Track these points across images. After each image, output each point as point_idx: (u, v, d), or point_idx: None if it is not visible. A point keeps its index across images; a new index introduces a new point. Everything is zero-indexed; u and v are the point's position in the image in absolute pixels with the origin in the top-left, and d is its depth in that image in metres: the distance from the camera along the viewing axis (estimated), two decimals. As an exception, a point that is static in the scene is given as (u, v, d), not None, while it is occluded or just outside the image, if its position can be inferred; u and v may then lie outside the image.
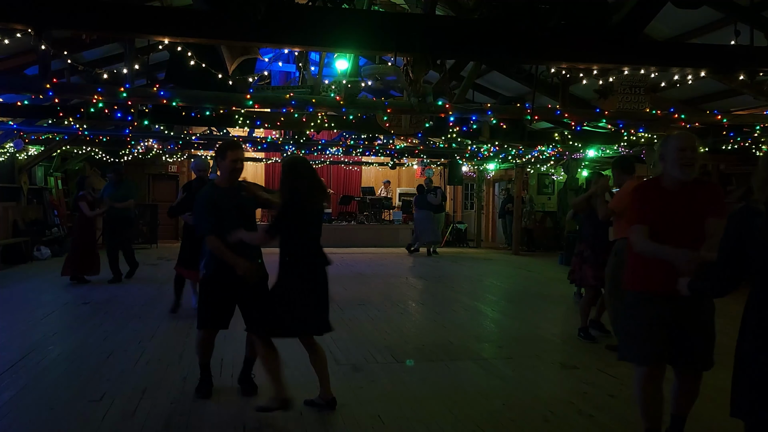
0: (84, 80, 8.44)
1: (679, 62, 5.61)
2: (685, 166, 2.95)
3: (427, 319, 6.96)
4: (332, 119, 9.57)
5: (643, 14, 4.36)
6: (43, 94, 6.51)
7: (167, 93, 6.90)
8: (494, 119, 9.25)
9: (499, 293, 8.80)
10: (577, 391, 4.39)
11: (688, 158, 2.95)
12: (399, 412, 3.83)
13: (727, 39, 5.74)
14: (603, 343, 5.77)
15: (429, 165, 17.72)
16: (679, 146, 2.96)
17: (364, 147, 13.76)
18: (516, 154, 13.84)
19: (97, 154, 13.99)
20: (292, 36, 4.43)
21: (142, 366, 4.73)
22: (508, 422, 3.71)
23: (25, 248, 11.68)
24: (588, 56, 4.83)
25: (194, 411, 3.77)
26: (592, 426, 3.69)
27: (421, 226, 14.26)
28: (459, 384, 4.46)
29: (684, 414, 3.21)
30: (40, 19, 4.12)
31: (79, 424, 3.55)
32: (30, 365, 4.71)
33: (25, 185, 12.50)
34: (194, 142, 13.21)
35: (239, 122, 9.30)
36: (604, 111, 7.88)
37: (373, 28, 4.56)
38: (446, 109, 7.59)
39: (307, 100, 7.43)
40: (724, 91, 8.57)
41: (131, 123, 9.35)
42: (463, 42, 4.65)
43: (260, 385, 4.08)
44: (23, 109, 8.94)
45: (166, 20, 4.44)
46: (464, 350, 5.48)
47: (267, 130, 12.61)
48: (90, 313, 6.71)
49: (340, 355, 4.95)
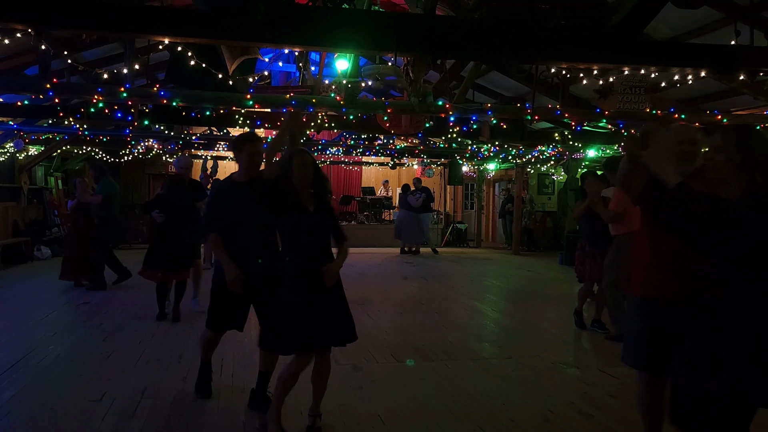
0: (84, 80, 8.44)
1: (679, 62, 5.60)
2: (682, 159, 2.87)
3: (427, 319, 6.96)
4: (332, 119, 9.58)
5: (643, 14, 4.36)
6: (43, 94, 6.52)
7: (167, 93, 6.90)
8: (494, 119, 9.25)
9: (499, 293, 8.80)
10: (577, 391, 4.39)
11: (685, 152, 2.89)
12: (399, 412, 3.83)
13: (727, 39, 5.74)
14: (600, 342, 5.77)
15: (429, 165, 17.72)
16: (678, 139, 2.93)
17: (364, 147, 13.77)
18: (516, 154, 13.85)
19: (97, 154, 13.99)
20: (292, 36, 4.43)
21: (142, 366, 4.73)
22: (508, 422, 3.71)
23: (25, 248, 11.68)
24: (588, 56, 4.83)
25: (194, 411, 3.77)
26: (592, 426, 3.69)
27: (399, 225, 14.31)
28: (459, 384, 4.46)
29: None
30: (40, 19, 4.12)
31: (79, 424, 3.55)
32: (30, 365, 4.71)
33: (25, 185, 12.51)
34: (194, 142, 13.22)
35: (239, 122, 9.31)
36: (604, 111, 7.88)
37: (373, 28, 4.56)
38: (446, 109, 7.60)
39: (307, 100, 7.43)
40: (724, 91, 8.56)
41: (131, 123, 9.35)
42: (463, 42, 4.64)
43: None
44: (23, 109, 8.95)
45: (166, 20, 4.43)
46: (464, 350, 5.48)
47: (267, 130, 12.61)
48: (90, 313, 6.70)
49: (340, 355, 4.95)
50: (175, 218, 6.18)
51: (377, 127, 9.61)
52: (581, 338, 6.14)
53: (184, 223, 6.18)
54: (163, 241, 6.25)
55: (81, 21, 4.28)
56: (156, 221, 6.30)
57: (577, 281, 6.60)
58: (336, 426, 3.60)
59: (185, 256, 6.30)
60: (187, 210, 6.28)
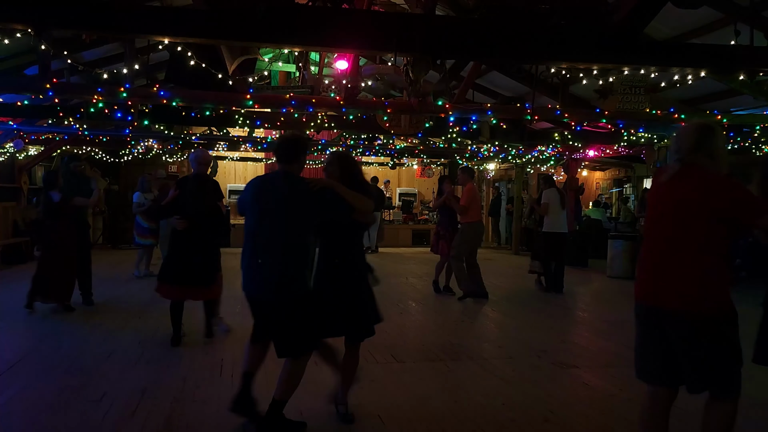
0: (84, 80, 8.45)
1: (679, 62, 5.60)
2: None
3: (427, 319, 6.96)
4: (332, 119, 9.58)
5: (643, 14, 4.35)
6: (43, 94, 6.52)
7: (167, 93, 6.90)
8: (494, 119, 9.26)
9: (499, 293, 8.79)
10: (577, 391, 4.39)
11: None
12: (399, 412, 3.83)
13: (727, 39, 5.74)
14: (600, 342, 5.77)
15: (429, 165, 17.71)
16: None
17: (364, 147, 13.75)
18: (516, 154, 13.85)
19: (97, 154, 13.99)
20: (292, 36, 4.43)
21: (142, 366, 4.73)
22: (508, 422, 3.71)
23: (25, 248, 11.68)
24: (588, 56, 4.83)
25: (194, 411, 3.78)
26: (592, 426, 3.69)
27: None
28: (459, 384, 4.46)
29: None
30: (40, 19, 4.12)
31: (79, 424, 3.55)
32: (30, 365, 4.71)
33: (25, 185, 12.51)
34: (194, 142, 13.21)
35: (239, 122, 9.31)
36: (604, 111, 7.88)
37: (373, 28, 4.56)
38: (446, 109, 7.60)
39: (307, 100, 7.43)
40: (724, 91, 8.57)
41: (131, 123, 9.35)
42: (463, 42, 4.64)
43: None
44: (23, 109, 8.94)
45: (166, 20, 4.43)
46: (464, 350, 5.48)
47: (267, 130, 12.61)
48: (90, 313, 6.70)
49: (340, 355, 4.94)
50: (198, 223, 5.21)
51: (377, 127, 9.61)
52: (581, 338, 6.15)
53: (208, 228, 5.30)
54: (184, 249, 5.21)
55: (81, 21, 4.28)
56: (176, 228, 5.24)
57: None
58: (336, 426, 3.60)
59: (206, 267, 5.30)
60: (211, 213, 5.34)
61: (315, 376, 3.98)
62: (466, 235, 8.03)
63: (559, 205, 8.90)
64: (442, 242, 8.41)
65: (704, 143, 2.74)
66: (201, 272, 5.24)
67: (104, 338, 5.59)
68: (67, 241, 6.68)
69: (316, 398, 3.86)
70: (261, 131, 12.64)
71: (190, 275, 5.18)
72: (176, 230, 5.24)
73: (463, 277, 8.06)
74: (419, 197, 18.24)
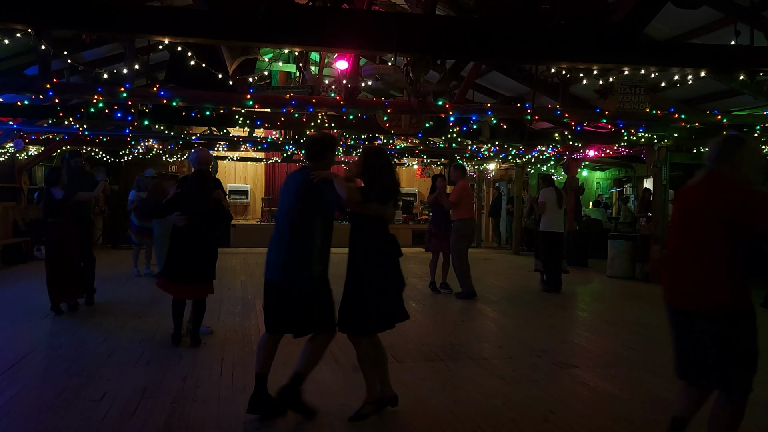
0: (84, 80, 8.45)
1: (679, 62, 5.61)
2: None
3: (427, 319, 6.96)
4: (332, 119, 9.58)
5: (643, 14, 4.36)
6: (43, 94, 6.52)
7: (167, 93, 6.91)
8: (494, 119, 9.26)
9: (499, 293, 8.80)
10: (577, 391, 4.39)
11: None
12: (399, 412, 3.82)
13: (727, 39, 5.75)
14: (600, 342, 5.77)
15: (429, 165, 17.71)
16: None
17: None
18: (516, 154, 13.85)
19: (97, 154, 14.00)
20: (292, 36, 4.43)
21: (142, 366, 4.73)
22: (508, 422, 3.71)
23: (25, 248, 11.68)
24: (588, 56, 4.83)
25: (194, 411, 3.77)
26: (592, 426, 3.69)
27: None
28: (459, 384, 4.46)
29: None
30: (40, 19, 4.13)
31: (79, 424, 3.54)
32: (30, 365, 4.71)
33: (25, 185, 12.52)
34: (194, 142, 13.21)
35: (239, 122, 9.31)
36: (604, 111, 7.89)
37: (373, 28, 4.56)
38: (446, 109, 7.60)
39: (307, 100, 7.43)
40: (724, 91, 8.58)
41: (131, 123, 9.35)
42: (463, 42, 4.65)
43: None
44: (23, 109, 8.95)
45: (166, 20, 4.44)
46: (464, 350, 5.48)
47: (267, 130, 12.61)
48: (90, 313, 6.70)
49: (340, 355, 4.95)
50: (198, 221, 5.24)
51: (377, 127, 9.61)
52: (581, 338, 6.15)
53: (208, 226, 5.32)
54: (184, 248, 5.23)
55: (81, 21, 4.28)
56: (177, 225, 5.26)
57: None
58: (336, 425, 3.60)
59: (206, 266, 5.31)
60: (212, 210, 5.32)
61: (315, 376, 3.97)
62: (460, 232, 8.18)
63: (555, 205, 8.89)
64: (434, 240, 8.53)
65: (728, 153, 2.81)
66: (200, 271, 5.27)
67: (104, 338, 5.59)
68: (68, 240, 6.69)
69: (313, 396, 3.86)
70: (261, 131, 12.65)
71: (191, 273, 5.23)
72: (176, 228, 5.28)
73: (466, 278, 8.14)
74: (419, 197, 18.24)
